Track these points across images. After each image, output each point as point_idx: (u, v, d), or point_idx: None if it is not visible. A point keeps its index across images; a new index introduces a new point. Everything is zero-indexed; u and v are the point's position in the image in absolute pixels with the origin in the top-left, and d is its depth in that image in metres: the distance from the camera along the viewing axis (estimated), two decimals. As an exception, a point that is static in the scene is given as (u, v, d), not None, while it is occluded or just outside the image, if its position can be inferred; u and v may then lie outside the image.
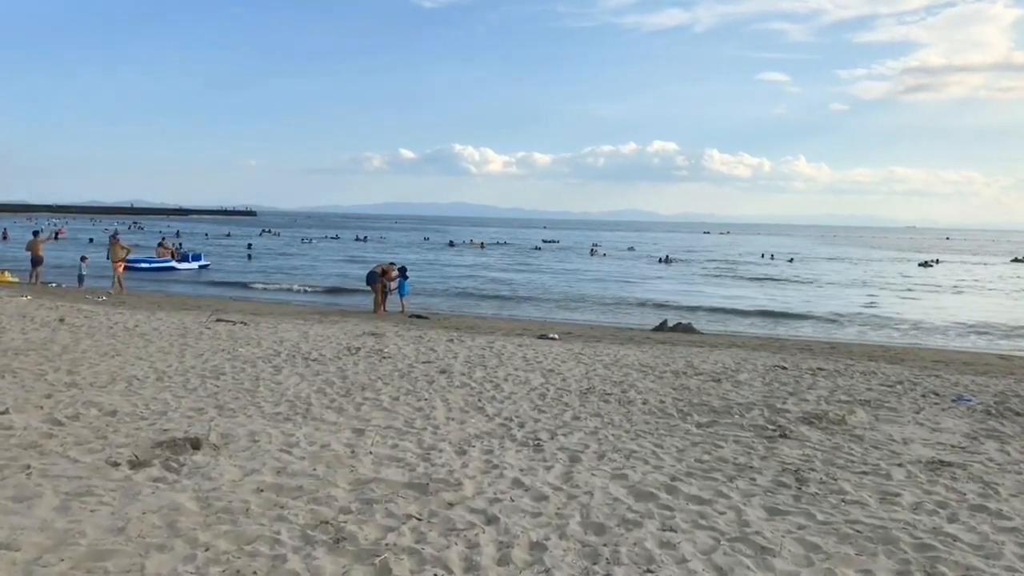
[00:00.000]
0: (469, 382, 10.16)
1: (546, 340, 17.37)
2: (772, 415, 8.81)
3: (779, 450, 7.37)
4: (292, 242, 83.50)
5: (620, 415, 8.64)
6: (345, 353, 11.97)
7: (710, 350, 16.46)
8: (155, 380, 9.60)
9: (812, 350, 17.68)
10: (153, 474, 6.00)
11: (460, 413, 8.52)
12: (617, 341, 18.02)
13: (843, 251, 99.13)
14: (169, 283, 35.26)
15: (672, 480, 6.36)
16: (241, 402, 8.64)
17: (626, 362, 12.21)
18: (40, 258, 27.60)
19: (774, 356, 15.81)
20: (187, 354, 11.40)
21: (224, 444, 6.91)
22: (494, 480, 6.17)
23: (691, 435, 7.89)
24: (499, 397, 9.33)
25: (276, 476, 6.07)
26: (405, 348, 12.75)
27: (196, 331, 13.75)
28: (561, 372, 11.06)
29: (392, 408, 8.60)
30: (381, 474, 6.20)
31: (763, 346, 18.20)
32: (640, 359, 12.59)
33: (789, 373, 11.62)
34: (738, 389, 10.21)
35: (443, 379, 10.29)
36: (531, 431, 7.82)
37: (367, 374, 10.43)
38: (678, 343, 18.08)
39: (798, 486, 6.30)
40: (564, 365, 11.68)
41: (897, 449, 7.56)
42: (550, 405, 9.01)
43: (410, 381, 10.10)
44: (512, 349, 13.27)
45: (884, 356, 16.95)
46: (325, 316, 21.42)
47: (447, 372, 10.76)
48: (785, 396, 9.86)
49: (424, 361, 11.56)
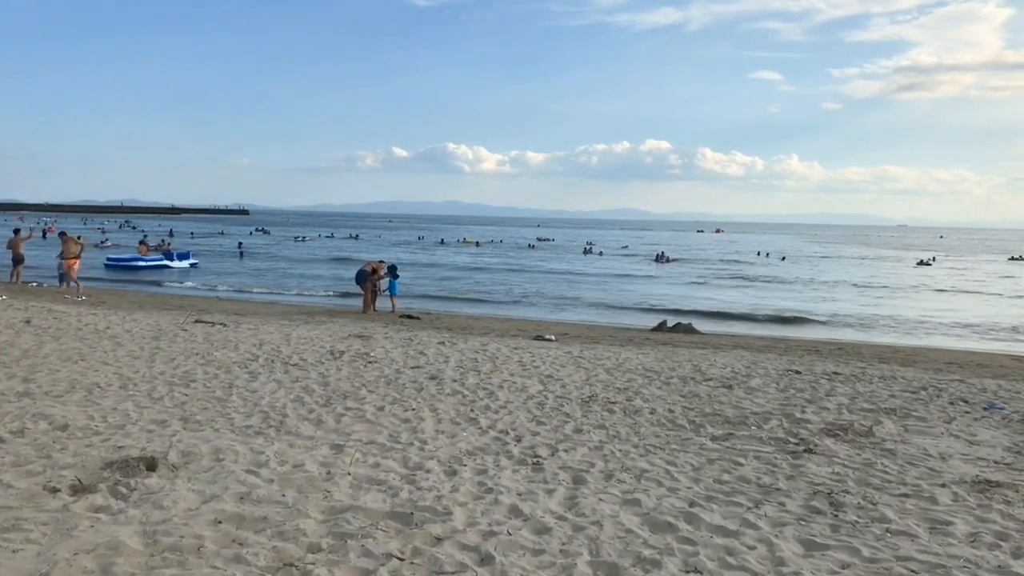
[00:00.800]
0: (461, 389, 9.38)
1: (542, 342, 16.60)
2: (792, 426, 8.05)
3: (806, 468, 6.61)
4: (284, 240, 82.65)
5: (627, 427, 7.87)
6: (328, 357, 11.17)
7: (714, 352, 15.71)
8: (118, 388, 8.79)
9: (820, 352, 16.95)
10: (96, 502, 5.21)
11: (451, 425, 7.74)
12: (616, 342, 17.26)
13: (839, 250, 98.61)
14: (153, 283, 34.42)
15: (691, 506, 5.59)
16: (210, 413, 7.85)
17: (629, 366, 11.44)
18: (21, 256, 26.76)
19: (781, 358, 15.09)
20: (158, 359, 10.59)
21: (184, 463, 6.13)
22: (488, 507, 5.39)
23: (706, 450, 7.12)
24: (494, 407, 8.55)
25: (238, 504, 5.28)
26: (393, 351, 11.95)
27: (171, 333, 12.93)
28: (560, 378, 10.29)
29: (376, 420, 7.82)
30: (359, 500, 5.42)
31: (768, 347, 17.47)
32: (643, 363, 11.82)
33: (804, 378, 10.87)
34: (752, 396, 9.46)
35: (433, 386, 9.50)
36: (529, 446, 7.05)
37: (350, 381, 9.64)
38: (680, 344, 17.33)
39: (834, 512, 5.54)
40: (563, 370, 10.91)
41: (936, 466, 6.81)
42: (549, 416, 8.24)
43: (397, 388, 9.32)
44: (507, 352, 12.49)
45: (895, 358, 16.25)
46: (312, 316, 20.60)
47: (437, 378, 9.97)
48: (803, 404, 9.10)
49: (413, 366, 10.77)
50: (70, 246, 24.84)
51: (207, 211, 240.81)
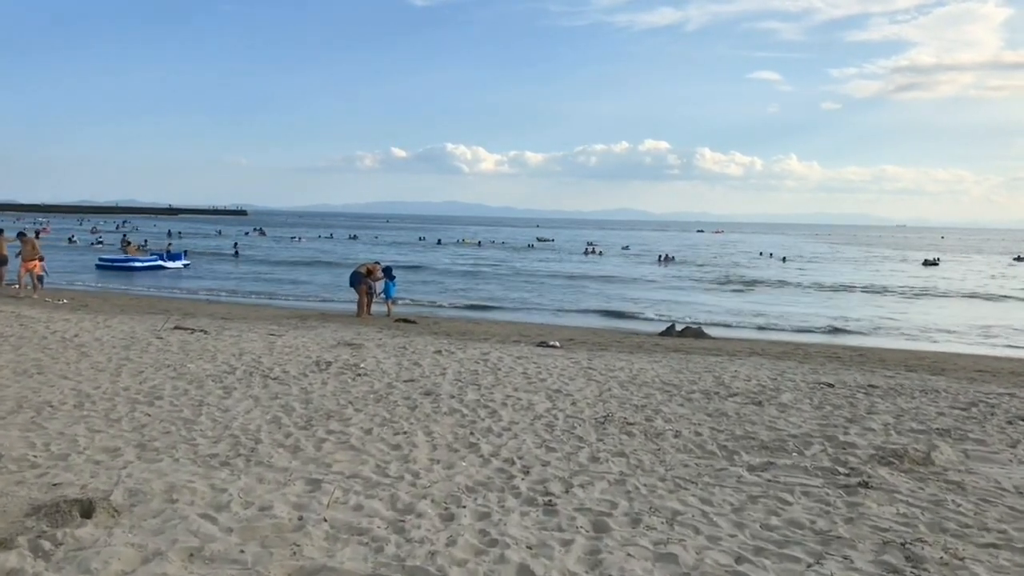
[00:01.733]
0: (460, 407, 8.36)
1: (547, 348, 15.60)
2: (838, 452, 7.05)
3: (865, 507, 5.61)
4: (281, 241, 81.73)
5: (650, 454, 6.86)
6: (313, 369, 10.15)
7: (730, 360, 14.72)
8: (72, 407, 7.78)
9: (841, 359, 15.95)
10: (8, 564, 4.21)
11: (448, 452, 6.74)
12: (625, 349, 16.26)
13: (842, 250, 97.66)
14: (142, 285, 33.42)
15: (738, 562, 4.59)
16: (172, 438, 6.84)
17: (645, 378, 10.42)
18: (4, 257, 25.80)
19: (803, 366, 14.11)
20: (124, 372, 9.58)
21: (129, 506, 5.12)
22: (493, 567, 4.39)
23: (746, 484, 6.11)
24: (496, 429, 7.53)
25: (186, 564, 4.28)
26: (385, 362, 10.94)
27: (145, 342, 11.92)
28: (570, 393, 9.27)
29: (362, 446, 6.81)
30: (335, 558, 4.42)
31: (787, 354, 16.46)
32: (660, 375, 10.80)
33: (838, 393, 9.86)
34: (786, 415, 8.44)
35: (428, 403, 8.49)
36: (539, 480, 6.04)
37: (336, 397, 8.63)
38: (692, 351, 16.33)
39: (913, 570, 4.54)
40: (573, 383, 9.89)
41: (1016, 504, 5.79)
42: (561, 440, 7.23)
43: (387, 406, 8.30)
44: (510, 362, 11.48)
45: (921, 365, 15.26)
46: (303, 321, 19.60)
47: (433, 394, 8.95)
48: (844, 424, 8.09)
49: (407, 379, 9.75)
50: (28, 248, 23.79)
51: (205, 211, 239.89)
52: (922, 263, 67.95)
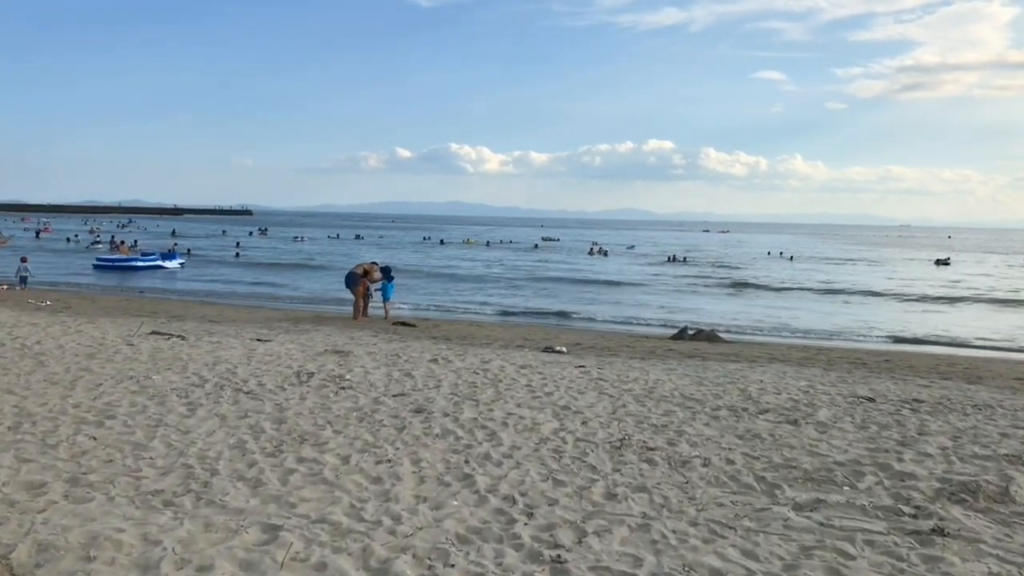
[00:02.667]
0: (454, 428, 7.30)
1: (552, 354, 14.55)
2: (896, 485, 5.98)
3: (947, 562, 4.55)
4: (284, 241, 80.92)
5: (676, 488, 5.80)
6: (293, 381, 9.10)
7: (750, 367, 13.65)
8: (6, 430, 6.75)
9: (868, 365, 14.87)
10: None
11: (437, 487, 5.69)
12: (637, 355, 15.20)
13: (849, 250, 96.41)
14: (134, 286, 32.48)
15: (804, 649, 3.54)
16: (113, 469, 5.81)
17: (663, 391, 9.35)
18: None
19: (828, 374, 13.05)
20: (79, 385, 8.54)
21: (32, 567, 4.09)
22: (486, 663, 3.35)
23: (794, 529, 5.05)
24: (495, 456, 6.48)
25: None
26: (374, 373, 9.87)
27: (113, 349, 10.89)
28: (580, 410, 8.20)
29: (336, 479, 5.77)
30: (281, 647, 3.38)
31: (808, 360, 15.39)
32: (679, 387, 9.72)
33: (881, 409, 8.77)
34: (827, 437, 7.37)
35: (418, 423, 7.43)
36: (545, 525, 4.99)
37: (314, 416, 7.58)
38: (708, 357, 15.26)
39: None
40: (582, 398, 8.82)
41: None
42: (570, 470, 6.17)
43: (371, 427, 7.25)
44: (513, 372, 10.41)
45: (953, 372, 14.18)
46: (295, 324, 18.58)
47: (425, 411, 7.89)
48: (896, 449, 7.01)
49: (396, 393, 8.69)
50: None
51: (211, 211, 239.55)
52: (934, 263, 66.90)
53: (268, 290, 32.96)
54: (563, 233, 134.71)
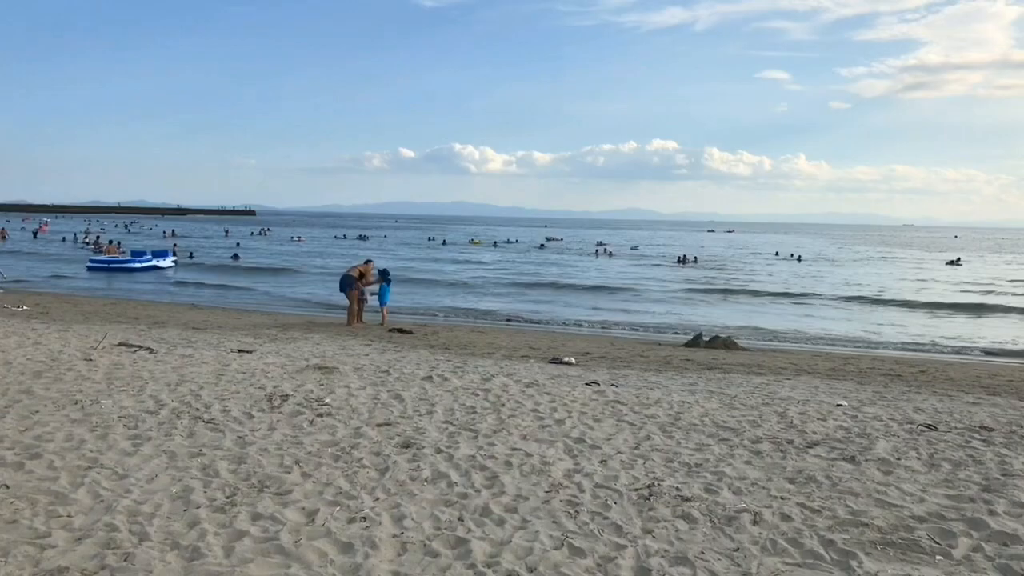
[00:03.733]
0: (447, 469, 6.08)
1: (560, 366, 13.35)
2: (1002, 553, 4.74)
3: None
4: (284, 242, 79.90)
5: (724, 558, 4.58)
6: (264, 407, 7.86)
7: (778, 381, 12.45)
8: (-99, 476, 5.55)
9: (903, 377, 13.66)
10: None
11: (422, 557, 4.47)
12: (652, 366, 13.98)
13: (860, 251, 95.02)
14: (120, 288, 31.35)
15: None
16: (13, 534, 4.60)
17: (690, 418, 8.09)
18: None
19: (864, 387, 11.88)
20: (12, 413, 7.30)
21: None
22: None
23: (889, 626, 3.83)
24: (496, 510, 5.25)
25: None
26: (359, 395, 8.63)
27: (67, 365, 9.68)
28: (597, 443, 6.96)
29: (294, 547, 4.55)
30: None
31: (838, 372, 14.16)
32: (709, 412, 8.45)
33: (947, 440, 7.50)
34: (895, 480, 6.13)
35: (405, 462, 6.21)
36: (562, 622, 3.78)
37: (281, 453, 6.36)
38: (730, 368, 14.05)
39: None
40: (599, 427, 7.57)
41: None
42: (590, 531, 4.94)
43: (348, 468, 6.03)
44: (517, 392, 9.16)
45: (999, 386, 12.96)
46: (285, 331, 17.39)
47: (413, 446, 6.66)
48: (984, 496, 5.77)
49: (382, 422, 7.45)
50: None
51: (214, 211, 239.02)
52: (946, 263, 65.69)
53: (264, 290, 31.81)
54: (567, 233, 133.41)
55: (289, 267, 45.78)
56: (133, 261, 39.25)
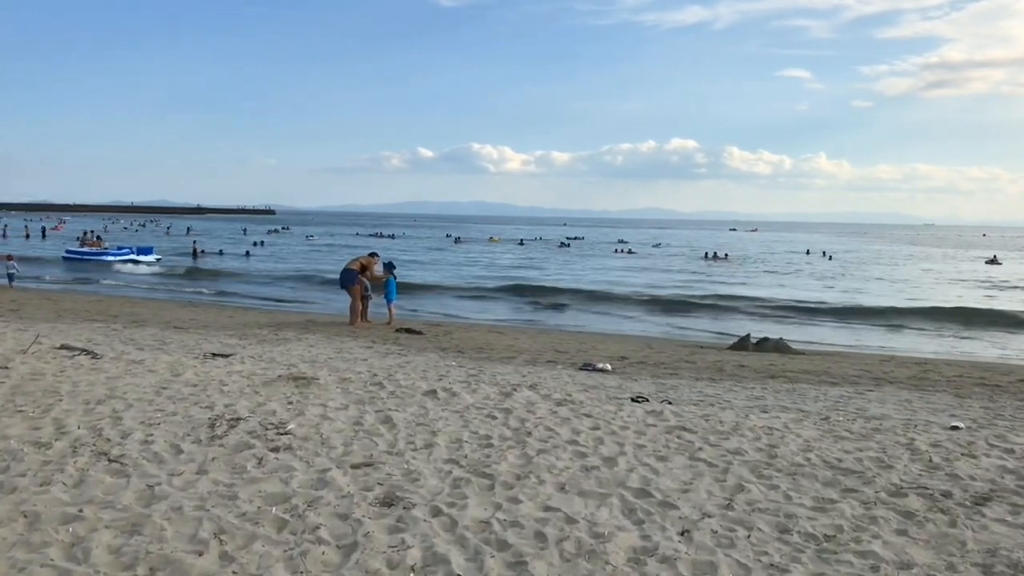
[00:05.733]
0: (447, 548, 3.91)
1: (595, 373, 11.20)
2: None
3: None
4: (300, 240, 78.47)
5: None
6: (201, 435, 5.73)
7: (858, 392, 10.25)
8: None
9: (1005, 389, 11.39)
10: None
11: None
12: (703, 374, 11.78)
13: (890, 249, 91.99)
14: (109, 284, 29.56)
15: None
16: None
17: (788, 454, 5.82)
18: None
19: (969, 403, 9.72)
20: None
21: None
22: None
23: None
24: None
25: None
26: (336, 417, 6.43)
27: (-26, 375, 7.61)
28: (668, 497, 4.75)
29: None
30: None
31: (922, 381, 11.90)
32: (810, 443, 6.17)
33: None
34: None
35: (383, 533, 4.06)
36: None
37: (200, 515, 4.22)
38: (795, 377, 11.82)
39: None
40: (666, 470, 5.33)
41: None
42: None
43: (294, 546, 3.89)
44: (546, 413, 6.96)
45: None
46: (277, 331, 15.33)
47: (399, 504, 4.51)
48: None
49: (360, 463, 5.27)
50: None
51: (234, 211, 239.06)
52: (985, 262, 62.91)
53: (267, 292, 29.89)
54: (587, 232, 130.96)
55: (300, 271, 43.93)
56: (108, 254, 39.22)
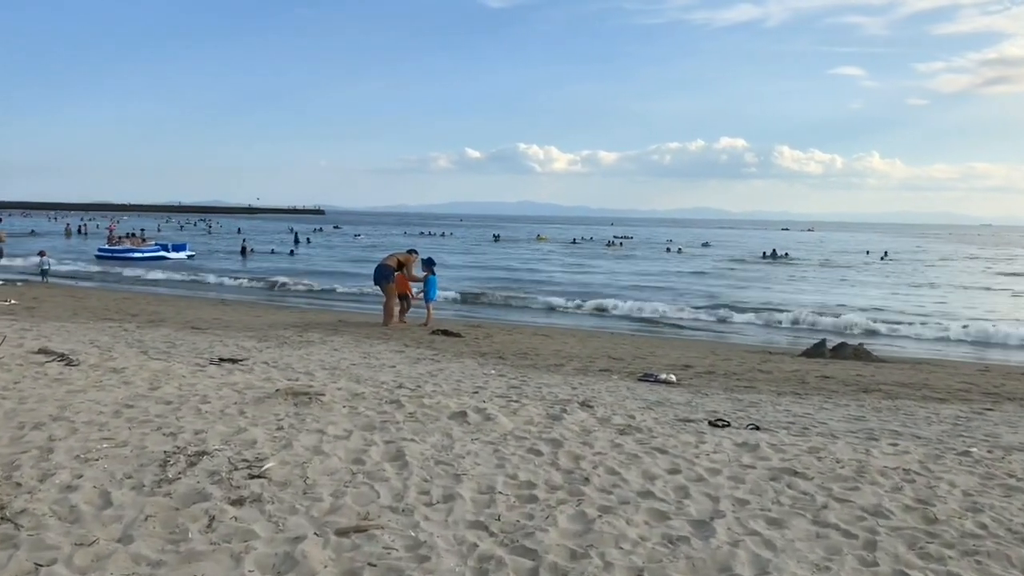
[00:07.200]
0: None
1: (658, 385, 9.61)
2: None
3: None
4: (347, 238, 78.19)
5: None
6: (147, 478, 4.29)
7: (977, 412, 8.46)
8: None
9: None
10: None
11: None
12: (784, 387, 10.09)
13: (955, 250, 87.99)
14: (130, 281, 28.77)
15: None
16: None
17: (948, 514, 4.17)
18: (-1, 251, 25.69)
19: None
20: None
21: None
22: None
23: None
24: None
25: None
26: (332, 452, 4.89)
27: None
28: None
29: None
30: None
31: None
32: (972, 496, 4.52)
33: None
34: None
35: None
36: None
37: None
38: (893, 392, 10.06)
39: None
40: (784, 542, 3.69)
41: None
42: None
43: None
44: (606, 444, 5.38)
45: None
46: (303, 332, 14.01)
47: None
48: None
49: (347, 528, 3.76)
50: None
51: (285, 211, 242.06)
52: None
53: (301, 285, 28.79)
54: (635, 231, 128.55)
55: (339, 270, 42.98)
56: (136, 251, 40.28)
